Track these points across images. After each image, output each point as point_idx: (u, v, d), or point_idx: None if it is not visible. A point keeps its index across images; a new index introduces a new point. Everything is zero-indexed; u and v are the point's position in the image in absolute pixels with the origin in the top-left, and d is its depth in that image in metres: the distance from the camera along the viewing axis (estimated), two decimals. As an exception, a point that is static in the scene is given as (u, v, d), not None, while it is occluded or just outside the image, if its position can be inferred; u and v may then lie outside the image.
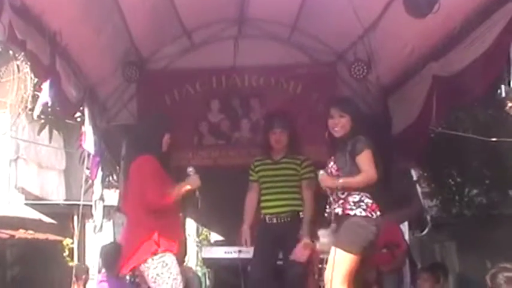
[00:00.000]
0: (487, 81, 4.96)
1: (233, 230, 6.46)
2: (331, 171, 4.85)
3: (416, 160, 7.74)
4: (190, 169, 5.10)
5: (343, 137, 4.87)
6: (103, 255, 6.77)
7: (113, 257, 6.27)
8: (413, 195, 8.41)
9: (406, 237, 8.30)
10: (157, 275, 4.77)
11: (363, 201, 4.69)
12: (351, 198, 4.71)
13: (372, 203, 4.69)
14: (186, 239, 6.20)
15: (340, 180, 4.70)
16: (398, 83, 6.43)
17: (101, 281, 6.37)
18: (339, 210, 4.73)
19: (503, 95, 5.34)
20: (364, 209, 4.67)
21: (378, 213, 4.71)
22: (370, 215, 4.67)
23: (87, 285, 8.31)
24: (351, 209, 4.69)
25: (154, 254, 4.78)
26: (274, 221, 5.69)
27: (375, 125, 5.91)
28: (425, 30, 5.21)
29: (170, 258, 4.81)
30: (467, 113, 8.57)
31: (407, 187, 7.98)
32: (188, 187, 4.98)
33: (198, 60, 6.96)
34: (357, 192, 4.71)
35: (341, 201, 4.73)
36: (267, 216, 5.72)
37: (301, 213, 5.71)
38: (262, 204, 5.78)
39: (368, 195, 4.71)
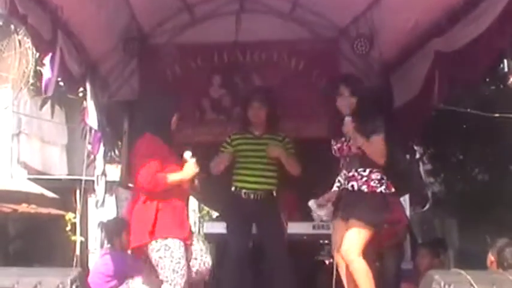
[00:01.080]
0: (490, 57, 4.95)
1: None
2: (343, 148, 4.88)
3: (416, 136, 7.74)
4: (187, 153, 5.05)
5: (353, 114, 4.93)
6: (106, 229, 6.82)
7: (115, 231, 6.31)
8: (414, 171, 8.43)
9: (407, 213, 8.33)
10: (160, 257, 4.78)
11: (383, 179, 4.88)
12: (374, 176, 4.88)
13: (389, 182, 4.90)
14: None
15: (361, 142, 4.84)
16: (401, 58, 6.40)
17: (104, 254, 6.42)
18: (364, 187, 4.84)
19: (506, 69, 5.32)
20: (386, 187, 4.86)
21: (393, 190, 4.91)
22: (389, 193, 4.88)
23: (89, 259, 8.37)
24: (376, 186, 4.85)
25: (155, 238, 4.78)
26: (252, 197, 5.67)
27: (377, 101, 5.91)
28: (429, 5, 5.19)
29: (173, 242, 4.80)
30: (469, 89, 8.55)
31: (407, 162, 7.99)
32: (184, 176, 4.97)
33: (200, 35, 6.93)
34: (377, 170, 4.88)
35: (364, 179, 4.86)
36: (243, 191, 5.68)
37: (274, 192, 5.73)
38: (238, 178, 5.74)
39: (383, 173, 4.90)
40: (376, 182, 4.86)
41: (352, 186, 4.90)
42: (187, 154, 5.05)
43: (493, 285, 3.32)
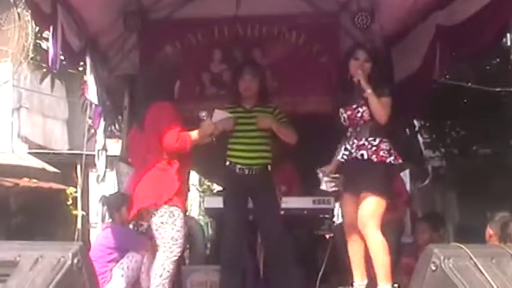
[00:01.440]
0: (492, 31, 4.92)
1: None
2: (354, 115, 4.90)
3: (417, 110, 7.73)
4: (203, 114, 5.06)
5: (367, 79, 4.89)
6: (107, 204, 6.84)
7: (116, 206, 6.34)
8: (414, 145, 8.44)
9: (407, 187, 8.34)
10: (162, 223, 4.78)
11: (391, 149, 4.83)
12: (383, 146, 4.83)
13: (397, 153, 4.85)
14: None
15: (369, 91, 4.78)
16: (402, 32, 6.37)
17: (105, 228, 6.45)
18: (373, 157, 4.79)
19: (509, 43, 5.30)
20: (395, 158, 4.82)
21: (400, 161, 4.88)
22: (397, 164, 4.86)
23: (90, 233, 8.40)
24: (386, 157, 4.80)
25: (165, 203, 4.79)
26: (246, 172, 5.62)
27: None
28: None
29: (178, 211, 4.82)
30: (470, 63, 8.52)
31: (408, 136, 8.00)
32: (207, 130, 4.99)
33: (200, 9, 6.90)
34: (386, 140, 4.84)
35: (374, 148, 4.81)
36: (238, 166, 5.62)
37: (269, 166, 5.72)
38: (231, 153, 5.67)
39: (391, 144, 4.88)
40: (386, 152, 4.81)
41: (362, 155, 4.82)
42: (204, 114, 5.05)
43: (492, 259, 3.34)
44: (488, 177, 9.45)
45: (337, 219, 7.25)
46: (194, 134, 4.93)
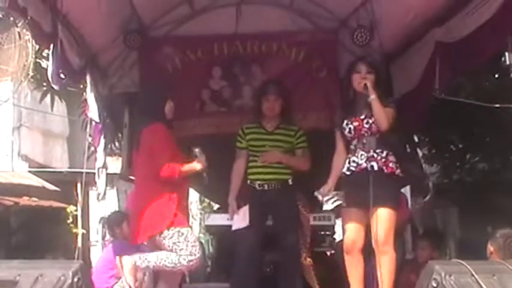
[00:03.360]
0: (491, 49, 4.94)
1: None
2: (362, 126, 4.90)
3: (417, 126, 7.74)
4: (197, 150, 5.13)
5: (364, 93, 4.91)
6: (108, 223, 6.86)
7: (116, 222, 6.36)
8: (415, 161, 8.42)
9: (408, 203, 8.32)
10: (174, 243, 4.83)
11: (398, 162, 4.87)
12: (391, 158, 4.86)
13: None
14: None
15: (373, 96, 4.82)
16: (401, 49, 6.40)
17: (108, 243, 6.48)
18: (384, 169, 4.81)
19: (508, 62, 5.31)
20: (400, 171, 4.86)
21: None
22: (403, 177, 4.94)
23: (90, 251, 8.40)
24: (395, 168, 4.84)
25: (169, 226, 4.84)
26: (266, 187, 5.67)
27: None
28: (429, -5, 5.18)
29: (185, 228, 4.90)
30: (470, 79, 8.54)
31: (408, 153, 7.98)
32: (198, 167, 5.07)
33: (200, 27, 6.92)
34: (392, 153, 4.88)
35: (383, 159, 4.83)
36: (257, 183, 5.69)
37: (290, 180, 5.73)
38: (251, 171, 5.75)
39: None
40: (394, 164, 4.84)
41: (372, 166, 4.82)
42: (197, 150, 5.13)
43: (493, 275, 3.33)
44: (489, 192, 9.44)
45: (338, 236, 7.22)
46: (186, 167, 5.01)
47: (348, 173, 4.94)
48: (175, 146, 5.06)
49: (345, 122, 4.99)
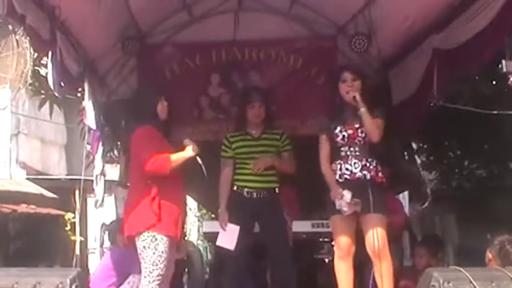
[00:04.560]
0: (489, 55, 4.94)
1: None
2: (356, 134, 4.91)
3: (415, 133, 7.75)
4: (186, 140, 5.06)
5: (354, 104, 4.92)
6: (109, 230, 6.87)
7: (118, 230, 6.36)
8: (413, 168, 8.42)
9: (406, 210, 8.33)
10: (144, 247, 4.77)
11: (395, 168, 5.09)
12: (379, 167, 4.91)
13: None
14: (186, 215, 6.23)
15: (363, 109, 4.82)
16: (399, 56, 6.41)
17: (108, 250, 6.49)
18: (375, 178, 4.86)
19: (504, 69, 5.32)
20: (397, 177, 5.03)
21: None
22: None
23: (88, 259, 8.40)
24: (383, 177, 4.90)
25: (148, 229, 4.78)
26: (254, 195, 5.65)
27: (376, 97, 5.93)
28: (426, 2, 5.20)
29: (161, 236, 4.78)
30: (468, 85, 8.56)
31: (406, 159, 7.99)
32: (189, 154, 4.96)
33: (198, 33, 6.93)
34: (380, 162, 4.92)
35: (374, 169, 4.89)
36: (246, 190, 5.66)
37: (277, 189, 5.72)
38: (239, 177, 5.71)
39: None
40: (382, 173, 4.89)
41: (365, 175, 4.86)
42: (187, 140, 5.05)
43: (492, 282, 3.33)
44: (487, 199, 9.44)
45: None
46: (176, 156, 4.91)
47: (340, 180, 4.94)
48: (166, 145, 4.97)
49: (338, 128, 5.00)
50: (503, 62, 5.25)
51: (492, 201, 9.21)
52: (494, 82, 8.76)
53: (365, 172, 4.87)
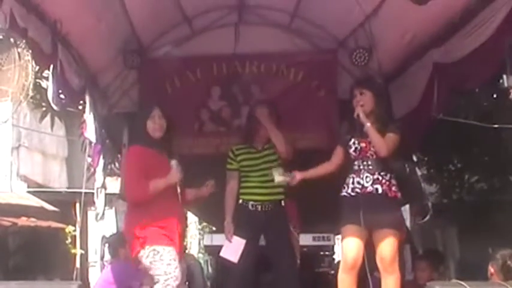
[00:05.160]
0: (489, 70, 4.95)
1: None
2: (368, 148, 4.91)
3: (416, 147, 7.74)
4: (173, 162, 4.98)
5: (368, 114, 4.90)
6: (110, 243, 6.85)
7: (120, 243, 6.35)
8: (414, 181, 8.41)
9: (408, 223, 8.30)
10: (151, 263, 4.78)
11: (401, 184, 4.90)
12: (393, 181, 4.88)
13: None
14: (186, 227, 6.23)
15: (368, 124, 4.81)
16: (400, 70, 6.42)
17: (109, 263, 6.48)
18: (388, 192, 4.82)
19: (506, 84, 5.32)
20: (400, 194, 4.86)
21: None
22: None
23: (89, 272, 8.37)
24: (397, 192, 4.86)
25: (143, 245, 4.79)
26: (259, 208, 5.67)
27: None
28: (427, 17, 5.20)
29: (161, 247, 4.78)
30: (469, 99, 8.56)
31: (407, 173, 7.98)
32: (171, 180, 4.93)
33: (199, 47, 6.96)
34: (393, 176, 4.88)
35: (387, 183, 4.85)
36: (251, 203, 5.68)
37: (282, 201, 5.73)
38: (244, 191, 5.73)
39: None
40: (395, 187, 4.85)
41: (377, 189, 4.82)
42: (173, 162, 4.99)
43: (493, 296, 3.32)
44: (488, 212, 9.42)
45: (338, 256, 7.20)
46: (156, 183, 4.86)
47: (352, 193, 4.92)
48: (157, 164, 4.94)
49: (352, 140, 4.98)
50: (504, 76, 5.26)
51: (493, 215, 9.19)
52: (495, 96, 8.77)
53: (377, 186, 4.83)
